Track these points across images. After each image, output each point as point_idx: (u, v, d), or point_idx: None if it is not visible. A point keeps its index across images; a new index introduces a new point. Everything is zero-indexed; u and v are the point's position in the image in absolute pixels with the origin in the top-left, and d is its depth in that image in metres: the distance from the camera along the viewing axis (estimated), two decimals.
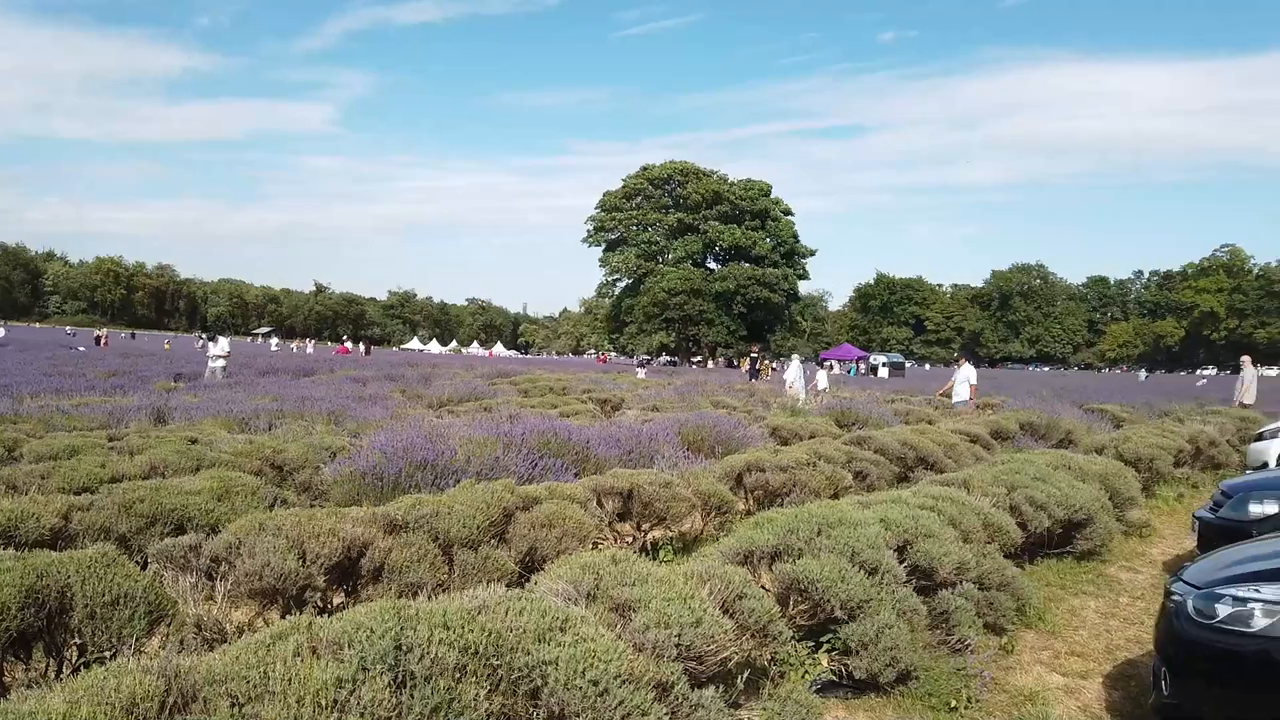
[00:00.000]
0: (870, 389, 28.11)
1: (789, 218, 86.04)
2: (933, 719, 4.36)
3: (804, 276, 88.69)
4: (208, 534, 4.83)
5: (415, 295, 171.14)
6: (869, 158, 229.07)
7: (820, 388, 23.80)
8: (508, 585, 4.22)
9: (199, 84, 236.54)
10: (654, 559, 6.36)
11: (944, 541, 5.53)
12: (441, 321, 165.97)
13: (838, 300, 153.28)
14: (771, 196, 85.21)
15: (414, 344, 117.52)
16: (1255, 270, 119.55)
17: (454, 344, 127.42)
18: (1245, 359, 19.34)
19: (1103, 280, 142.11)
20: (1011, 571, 6.00)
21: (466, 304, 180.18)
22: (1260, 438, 12.04)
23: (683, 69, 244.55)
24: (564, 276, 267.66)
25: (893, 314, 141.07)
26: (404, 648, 2.60)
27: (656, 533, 7.34)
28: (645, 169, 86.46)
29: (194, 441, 8.23)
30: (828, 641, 4.58)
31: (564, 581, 3.67)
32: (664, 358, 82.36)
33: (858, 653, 4.46)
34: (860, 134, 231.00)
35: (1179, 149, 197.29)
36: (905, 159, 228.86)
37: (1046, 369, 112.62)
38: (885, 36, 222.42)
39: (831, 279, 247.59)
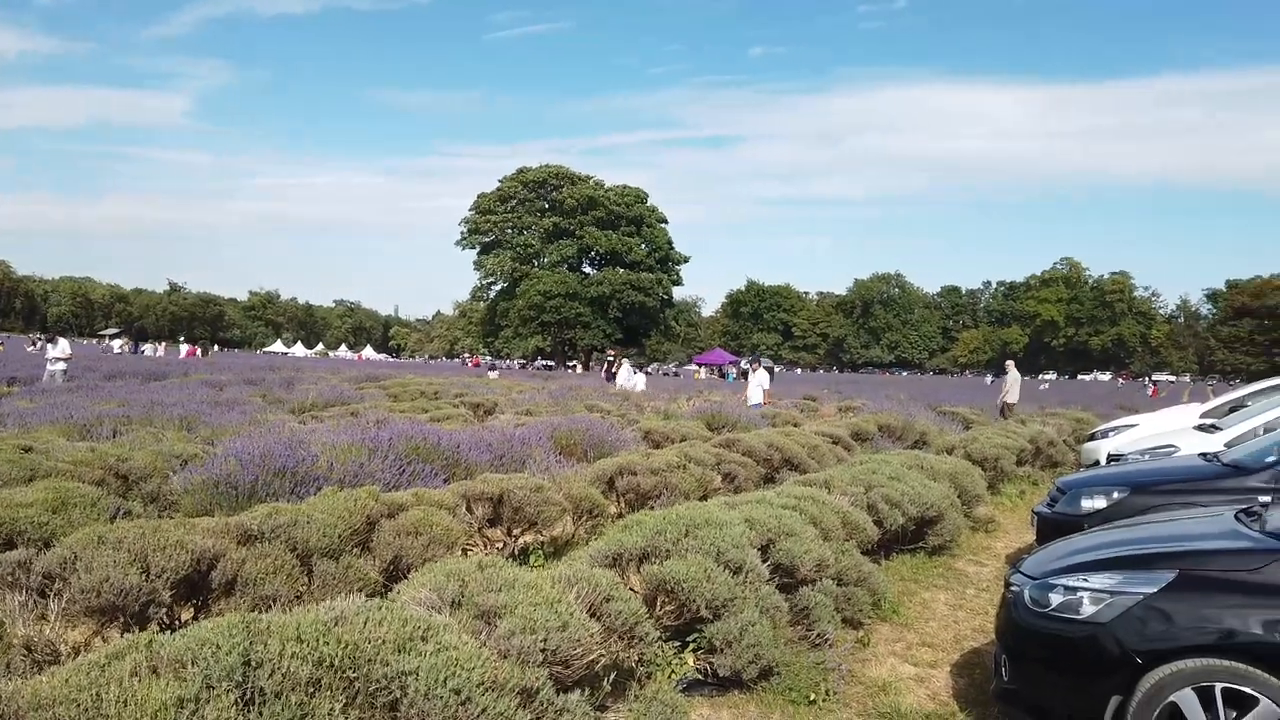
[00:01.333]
0: (740, 393, 28.74)
1: (664, 225, 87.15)
2: (793, 712, 4.50)
3: (678, 282, 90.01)
4: (40, 549, 4.49)
5: (279, 296, 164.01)
6: (739, 168, 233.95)
7: (638, 389, 26.08)
8: (370, 595, 4.11)
9: (38, 68, 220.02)
10: (524, 564, 6.32)
11: (805, 540, 5.72)
12: (307, 324, 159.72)
13: (711, 306, 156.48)
14: (647, 203, 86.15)
15: (277, 346, 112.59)
16: (1090, 282, 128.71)
17: (320, 347, 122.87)
18: (1009, 364, 21.96)
19: (955, 290, 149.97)
20: (868, 567, 6.26)
21: (334, 306, 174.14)
22: (1093, 437, 12.97)
23: (555, 75, 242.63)
24: (437, 279, 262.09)
25: (762, 320, 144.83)
26: (253, 663, 2.50)
27: (527, 538, 7.29)
28: (521, 172, 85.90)
29: (28, 450, 7.64)
30: (694, 641, 4.67)
31: (428, 589, 3.61)
32: (540, 362, 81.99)
33: (722, 651, 4.56)
34: (730, 145, 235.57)
35: (1023, 169, 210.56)
36: (774, 170, 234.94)
37: (905, 373, 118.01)
38: (755, 51, 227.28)
39: (704, 285, 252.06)
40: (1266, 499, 5.46)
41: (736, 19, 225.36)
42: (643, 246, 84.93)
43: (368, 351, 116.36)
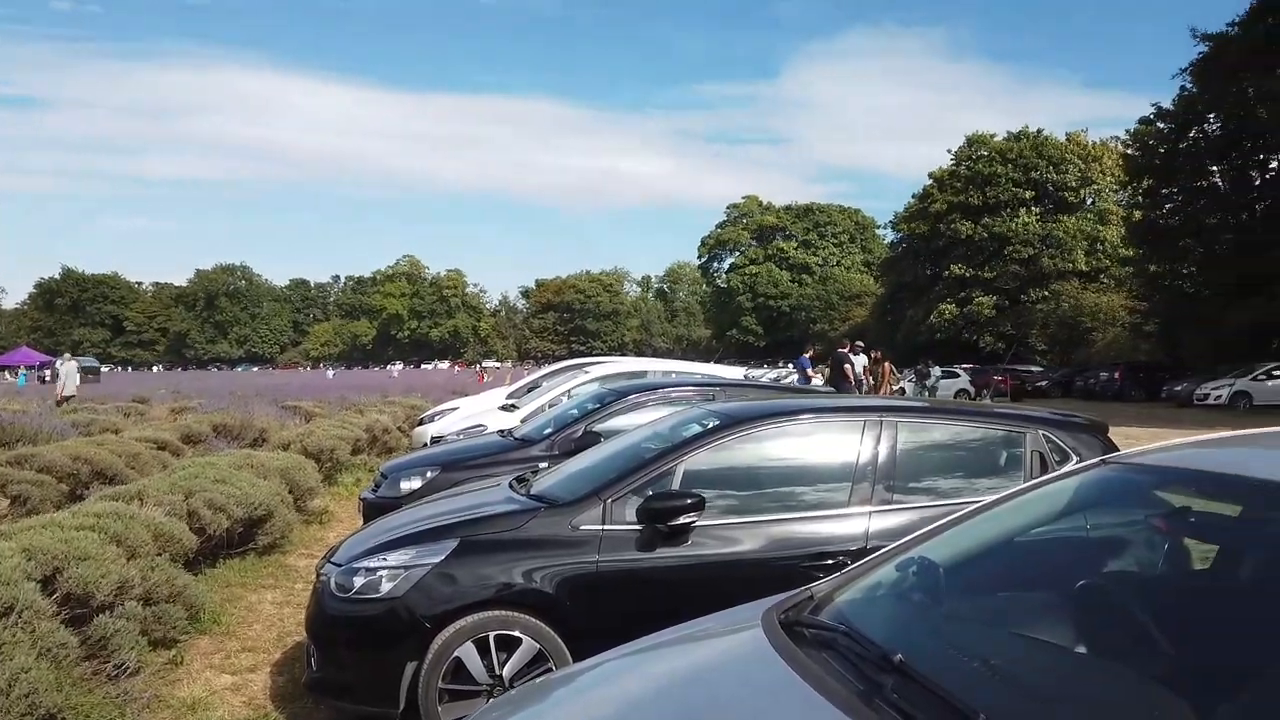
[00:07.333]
0: (49, 399, 24.58)
1: None
2: None
3: None
4: None
5: None
6: (44, 136, 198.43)
7: None
8: None
9: None
10: None
11: (104, 562, 5.11)
12: None
13: (15, 297, 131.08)
14: None
15: None
16: (430, 278, 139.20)
17: None
18: (66, 355, 23.62)
19: (305, 283, 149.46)
20: (184, 580, 5.84)
21: None
22: (422, 422, 14.03)
23: None
24: None
25: (86, 313, 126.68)
26: None
27: None
28: None
29: None
30: None
31: None
32: None
33: None
34: (31, 108, 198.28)
35: (366, 167, 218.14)
36: (89, 142, 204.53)
37: (256, 369, 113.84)
38: (59, 5, 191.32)
39: (4, 273, 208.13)
40: (544, 465, 6.49)
41: None
42: None
43: None
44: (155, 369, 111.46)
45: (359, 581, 4.18)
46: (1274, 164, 35.37)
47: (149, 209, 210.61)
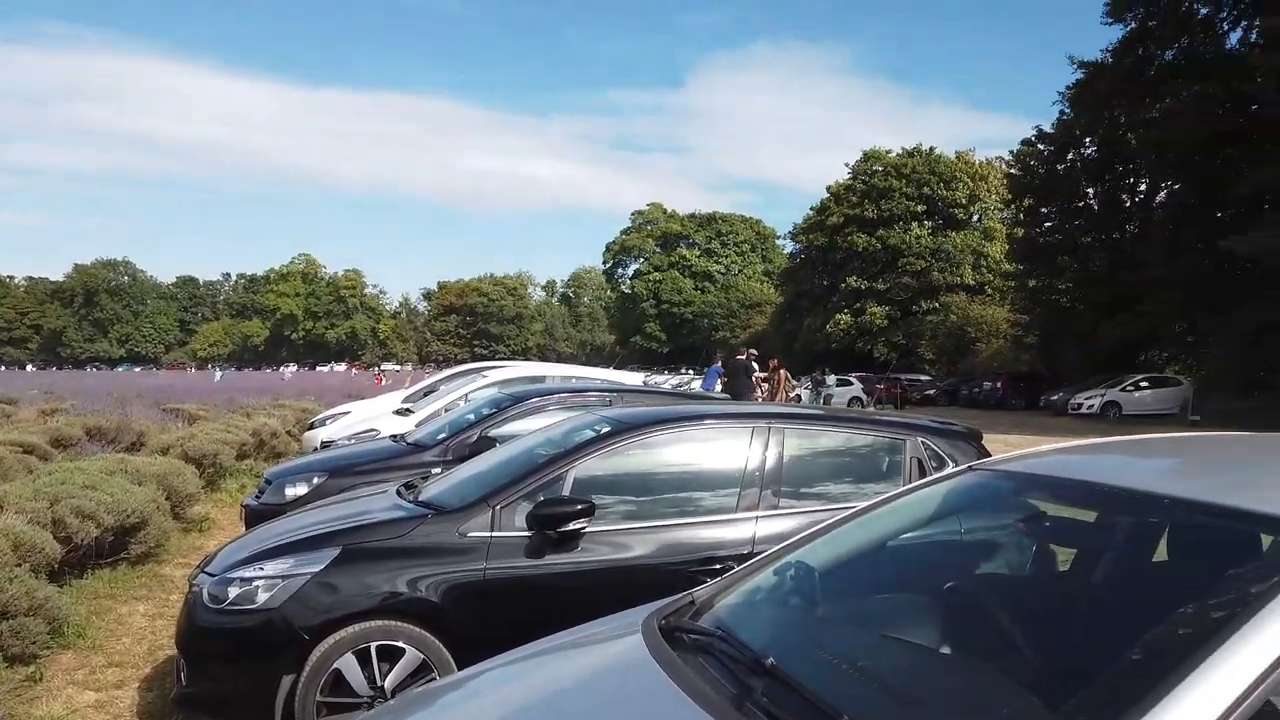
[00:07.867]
0: None
1: None
2: None
3: None
4: None
5: None
6: None
7: None
8: None
9: None
10: None
11: None
12: None
13: None
14: None
15: None
16: (327, 278, 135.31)
17: None
18: None
19: (192, 280, 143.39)
20: (46, 593, 5.50)
21: None
22: (312, 426, 13.62)
23: None
24: None
25: None
26: None
27: None
28: None
29: None
30: None
31: None
32: None
33: None
34: None
35: (256, 162, 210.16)
36: None
37: (138, 369, 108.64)
38: None
39: None
40: (436, 471, 6.37)
41: None
42: None
43: None
44: (28, 368, 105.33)
45: (234, 592, 4.01)
46: (1143, 188, 37.67)
47: (19, 200, 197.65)
